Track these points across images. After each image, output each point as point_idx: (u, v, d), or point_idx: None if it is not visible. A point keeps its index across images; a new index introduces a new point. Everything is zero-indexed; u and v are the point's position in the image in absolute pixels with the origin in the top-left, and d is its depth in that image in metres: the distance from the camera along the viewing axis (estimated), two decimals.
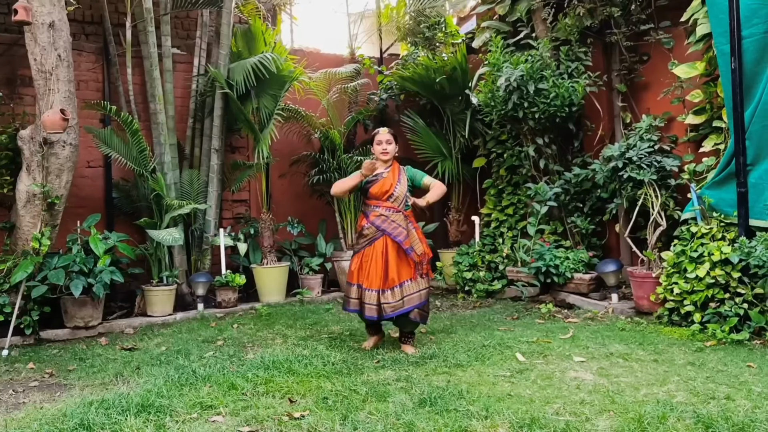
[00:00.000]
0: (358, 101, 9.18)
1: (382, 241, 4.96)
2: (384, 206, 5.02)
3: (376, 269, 4.92)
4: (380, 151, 5.14)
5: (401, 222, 4.99)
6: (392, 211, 5.01)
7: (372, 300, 4.90)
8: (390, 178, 5.07)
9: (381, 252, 4.95)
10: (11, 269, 6.06)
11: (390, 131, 5.22)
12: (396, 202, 5.02)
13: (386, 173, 5.11)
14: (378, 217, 5.00)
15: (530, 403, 3.62)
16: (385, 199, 5.02)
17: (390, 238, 4.94)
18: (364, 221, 5.11)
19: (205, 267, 7.80)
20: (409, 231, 5.01)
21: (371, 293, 4.90)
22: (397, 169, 5.15)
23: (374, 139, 5.22)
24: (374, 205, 5.06)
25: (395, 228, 4.95)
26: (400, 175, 5.12)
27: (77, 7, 7.48)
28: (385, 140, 5.14)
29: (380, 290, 4.89)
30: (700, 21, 5.79)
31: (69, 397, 4.17)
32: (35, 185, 6.03)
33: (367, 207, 5.12)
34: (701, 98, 5.99)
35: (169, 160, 7.57)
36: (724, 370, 4.16)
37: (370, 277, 4.93)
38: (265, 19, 8.63)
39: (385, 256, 4.94)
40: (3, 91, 6.88)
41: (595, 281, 6.70)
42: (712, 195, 5.57)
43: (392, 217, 4.99)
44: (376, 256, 4.95)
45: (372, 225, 5.00)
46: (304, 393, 3.93)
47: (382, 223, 4.98)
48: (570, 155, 7.52)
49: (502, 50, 7.27)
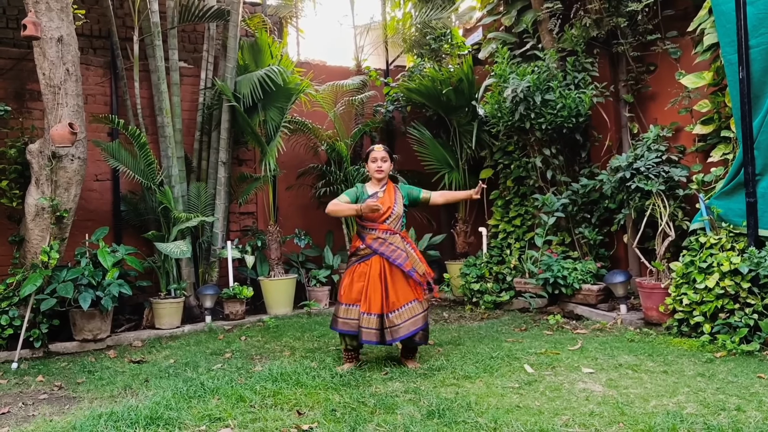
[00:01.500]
0: (365, 113, 9.22)
1: (380, 264, 4.79)
2: (381, 228, 4.85)
3: (376, 293, 4.74)
4: (375, 169, 4.96)
5: (399, 244, 4.84)
6: (389, 233, 4.85)
7: (372, 324, 4.71)
8: (386, 199, 4.91)
9: (379, 275, 4.78)
10: (20, 282, 6.10)
11: (385, 148, 5.04)
12: (393, 224, 4.88)
13: (381, 193, 4.94)
14: (375, 240, 4.84)
15: (539, 415, 3.60)
16: (381, 221, 4.86)
17: (388, 261, 4.79)
18: (359, 243, 4.93)
19: (213, 279, 7.82)
20: (408, 252, 4.85)
21: (371, 317, 4.72)
22: (392, 189, 5.00)
23: (368, 157, 5.03)
24: (370, 227, 4.87)
25: (394, 251, 4.80)
26: (395, 194, 4.98)
27: (85, 22, 7.57)
28: (380, 158, 4.96)
29: (382, 314, 4.73)
30: (707, 31, 5.78)
31: (78, 409, 4.18)
32: (44, 199, 6.06)
33: (363, 229, 4.92)
34: (709, 108, 5.97)
35: (176, 173, 7.60)
36: (734, 381, 4.13)
37: (369, 300, 4.74)
38: (271, 32, 8.68)
39: (383, 279, 4.77)
40: (12, 106, 6.94)
41: (603, 292, 6.67)
42: (720, 205, 5.55)
43: (390, 239, 4.83)
44: (374, 278, 4.77)
45: (369, 248, 4.84)
46: (312, 405, 3.93)
47: (380, 246, 4.81)
48: (577, 166, 7.50)
49: (508, 61, 7.29)
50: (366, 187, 5.05)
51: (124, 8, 8.01)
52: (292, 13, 9.89)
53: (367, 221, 4.89)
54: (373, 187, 5.01)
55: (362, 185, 5.09)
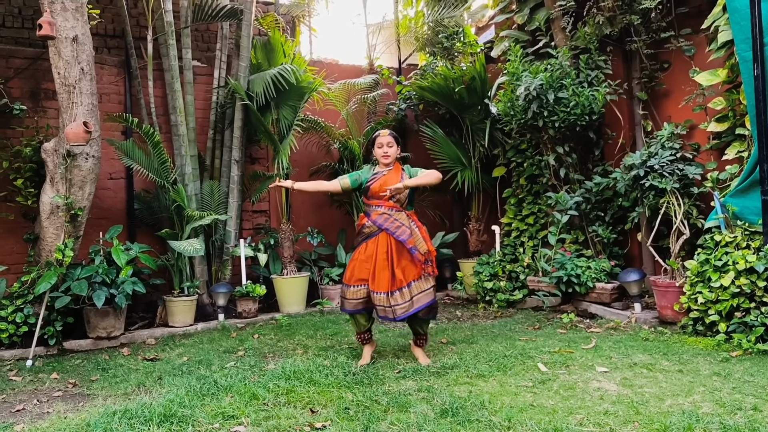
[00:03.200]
0: (377, 111, 9.22)
1: (386, 242, 4.84)
2: (386, 205, 4.90)
3: (383, 271, 4.80)
4: (381, 154, 5.00)
5: (404, 221, 4.87)
6: (394, 210, 4.90)
7: (383, 302, 4.77)
8: (391, 177, 4.94)
9: (386, 253, 4.83)
10: (35, 280, 6.14)
11: (391, 133, 5.06)
12: (398, 202, 4.91)
13: (387, 171, 4.99)
14: (380, 215, 4.89)
15: (553, 414, 3.58)
16: (387, 199, 4.89)
17: (393, 238, 4.82)
18: (364, 220, 4.98)
19: (226, 277, 7.84)
20: (413, 230, 4.87)
21: (380, 296, 4.77)
22: (399, 169, 5.03)
23: (375, 142, 5.05)
24: (376, 204, 4.94)
25: (398, 227, 4.84)
26: (402, 175, 4.99)
27: (100, 21, 7.61)
28: (386, 143, 4.99)
29: (389, 292, 4.77)
30: (722, 28, 5.74)
31: (92, 407, 4.20)
32: (58, 197, 6.10)
33: (369, 207, 4.99)
34: (723, 105, 5.93)
35: (190, 172, 7.63)
36: (750, 380, 4.09)
37: (377, 279, 4.80)
38: (284, 31, 8.70)
39: (390, 258, 4.82)
40: (27, 105, 6.99)
41: (617, 291, 6.64)
42: (735, 203, 5.51)
43: (395, 215, 4.88)
44: (381, 257, 4.82)
45: (374, 224, 4.89)
46: (325, 403, 3.93)
47: (385, 221, 4.86)
48: (590, 164, 7.47)
49: (521, 59, 7.26)
50: (373, 167, 5.13)
51: (138, 8, 8.05)
52: (305, 12, 9.91)
53: (373, 198, 4.96)
54: (379, 168, 5.07)
55: (369, 166, 5.19)
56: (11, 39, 7.31)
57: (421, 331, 5.03)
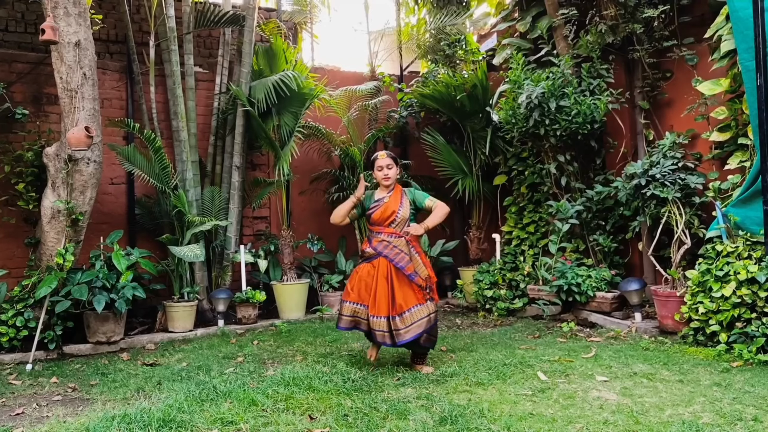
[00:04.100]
0: (379, 118, 9.23)
1: (386, 267, 4.87)
2: (386, 232, 4.96)
3: (383, 295, 4.81)
4: (381, 177, 5.05)
5: (403, 247, 4.89)
6: (394, 236, 4.93)
7: (382, 327, 4.79)
8: (391, 204, 4.98)
9: (386, 277, 4.85)
10: (36, 284, 6.14)
11: (390, 154, 5.10)
12: (398, 228, 4.95)
13: (388, 198, 5.02)
14: (380, 243, 4.95)
15: (552, 423, 3.57)
16: (386, 225, 4.96)
17: (392, 264, 4.86)
18: (366, 245, 5.07)
19: (226, 283, 7.83)
20: (412, 256, 4.89)
21: (380, 320, 4.79)
22: (400, 193, 5.06)
23: (374, 165, 5.10)
24: (377, 231, 5.01)
25: (397, 254, 4.88)
26: (402, 199, 5.02)
27: (102, 27, 7.63)
28: (386, 165, 5.03)
29: (389, 317, 4.78)
30: (725, 37, 5.74)
31: (91, 411, 4.19)
32: (60, 201, 6.10)
33: (371, 233, 5.08)
34: (726, 115, 5.93)
35: (191, 177, 7.64)
36: (751, 391, 4.08)
37: (377, 303, 4.80)
38: (286, 38, 8.71)
39: (390, 282, 4.84)
40: (30, 109, 7.00)
41: (617, 300, 6.62)
42: (737, 213, 5.50)
43: (394, 242, 4.91)
44: (381, 281, 4.84)
45: (374, 250, 4.95)
46: (324, 410, 3.91)
47: (384, 249, 4.91)
48: (592, 173, 7.47)
49: (523, 67, 7.27)
50: (375, 193, 5.14)
51: (140, 13, 8.06)
52: (307, 18, 9.95)
53: (375, 225, 5.03)
54: (380, 193, 5.10)
55: (371, 192, 5.18)
56: (14, 43, 7.33)
57: (417, 352, 5.03)
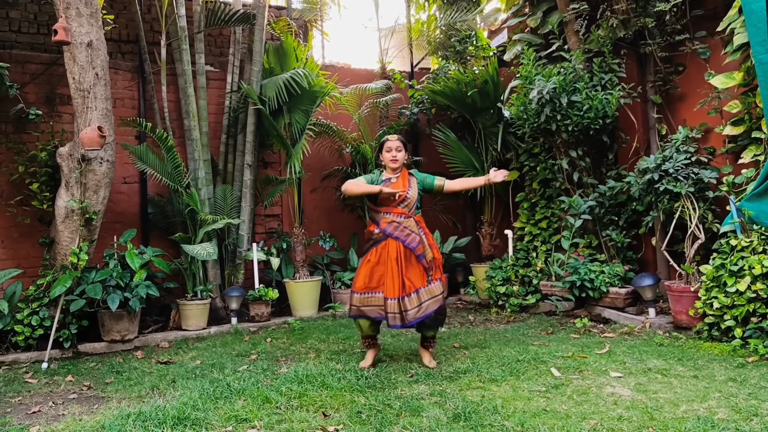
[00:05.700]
0: (389, 116, 9.22)
1: (395, 248, 4.81)
2: (395, 212, 4.88)
3: (393, 277, 4.77)
4: (389, 158, 4.97)
5: (414, 228, 4.85)
6: (404, 217, 4.87)
7: (395, 308, 4.75)
8: (400, 184, 4.92)
9: (396, 259, 4.80)
10: (50, 283, 6.20)
11: (400, 137, 5.04)
12: (407, 208, 4.90)
13: (395, 178, 4.97)
14: (390, 224, 4.86)
15: (566, 419, 3.56)
16: (396, 205, 4.88)
17: (403, 245, 4.81)
18: (373, 228, 4.95)
19: (239, 281, 7.86)
20: (422, 237, 4.86)
21: (393, 302, 4.75)
22: (407, 175, 5.02)
23: (383, 146, 5.02)
24: (385, 211, 4.90)
25: (408, 234, 4.82)
26: (410, 179, 4.99)
27: (114, 27, 7.67)
28: (395, 147, 4.96)
29: (400, 298, 4.75)
30: (737, 30, 5.69)
31: (107, 409, 4.22)
32: (73, 201, 6.14)
33: (377, 213, 4.96)
34: (739, 109, 5.88)
35: (203, 176, 7.67)
36: (766, 386, 4.05)
37: (388, 286, 4.77)
38: (296, 36, 8.72)
39: (400, 264, 4.79)
40: (43, 110, 7.05)
41: (631, 295, 6.59)
42: (751, 207, 5.45)
43: (405, 223, 4.85)
44: (391, 264, 4.79)
45: (383, 232, 4.86)
46: (337, 407, 3.92)
47: (394, 230, 4.83)
48: (604, 168, 7.43)
49: (534, 63, 7.24)
50: (382, 173, 5.10)
51: (151, 13, 8.10)
52: (317, 16, 9.93)
53: (381, 206, 4.94)
54: (387, 174, 5.04)
55: (379, 171, 5.15)
56: (27, 44, 7.38)
57: (428, 334, 5.02)
